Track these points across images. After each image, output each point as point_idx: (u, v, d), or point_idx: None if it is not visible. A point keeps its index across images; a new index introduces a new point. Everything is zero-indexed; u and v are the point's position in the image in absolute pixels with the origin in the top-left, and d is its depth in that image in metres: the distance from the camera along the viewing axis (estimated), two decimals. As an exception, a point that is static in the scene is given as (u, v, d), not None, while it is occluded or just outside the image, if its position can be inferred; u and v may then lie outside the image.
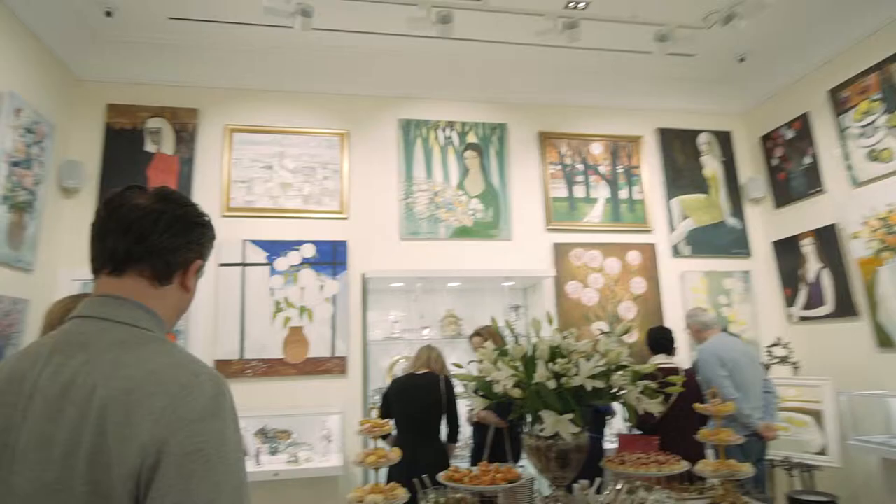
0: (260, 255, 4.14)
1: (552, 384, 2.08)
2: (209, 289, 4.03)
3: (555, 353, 2.18)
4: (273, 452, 3.67)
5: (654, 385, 2.24)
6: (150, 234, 0.90)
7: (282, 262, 4.15)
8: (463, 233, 4.52)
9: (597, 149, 4.94)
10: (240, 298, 4.05)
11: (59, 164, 3.86)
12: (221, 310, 4.01)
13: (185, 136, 4.22)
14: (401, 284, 4.32)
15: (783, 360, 4.41)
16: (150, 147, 4.16)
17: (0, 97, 3.22)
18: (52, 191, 3.78)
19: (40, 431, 0.75)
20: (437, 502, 2.30)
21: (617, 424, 3.91)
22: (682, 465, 2.23)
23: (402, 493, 2.20)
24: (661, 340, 3.45)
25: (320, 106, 4.50)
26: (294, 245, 4.19)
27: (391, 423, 2.32)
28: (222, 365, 3.94)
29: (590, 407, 2.34)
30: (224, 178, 4.22)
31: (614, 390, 2.21)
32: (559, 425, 2.11)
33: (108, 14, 3.67)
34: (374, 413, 2.28)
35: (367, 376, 4.12)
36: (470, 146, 4.68)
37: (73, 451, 0.73)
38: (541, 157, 4.80)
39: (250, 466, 3.53)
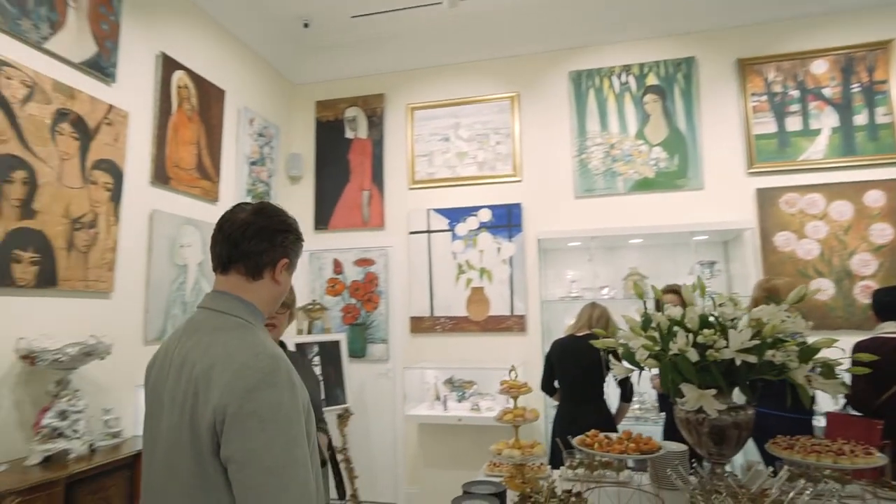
0: (442, 223, 4.51)
1: (693, 356, 1.92)
2: (402, 255, 4.58)
3: (705, 323, 2.00)
4: (459, 400, 4.08)
5: (834, 362, 1.90)
6: (241, 241, 1.16)
7: (462, 228, 4.46)
8: (644, 185, 4.20)
9: (820, 67, 4.02)
10: (427, 262, 4.51)
11: (285, 157, 4.76)
12: (413, 273, 4.52)
13: (375, 119, 4.77)
14: (577, 243, 4.26)
15: None
16: (349, 134, 4.82)
17: (238, 113, 4.11)
18: (281, 180, 4.70)
19: (171, 390, 1.08)
20: (582, 463, 2.35)
21: (828, 402, 3.31)
22: (874, 459, 1.86)
23: (540, 450, 2.31)
24: (891, 304, 2.78)
25: (490, 72, 4.59)
26: (472, 211, 4.45)
27: (530, 384, 2.42)
28: (416, 321, 4.48)
29: (758, 381, 2.09)
30: (409, 154, 4.67)
31: (778, 366, 1.94)
32: (703, 400, 1.96)
33: (306, 25, 4.31)
34: (513, 374, 2.40)
35: (545, 334, 4.22)
36: (650, 89, 4.27)
37: (184, 406, 1.04)
38: (740, 89, 4.12)
39: (438, 410, 4.00)
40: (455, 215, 4.49)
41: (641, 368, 2.12)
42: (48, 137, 2.53)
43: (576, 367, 3.09)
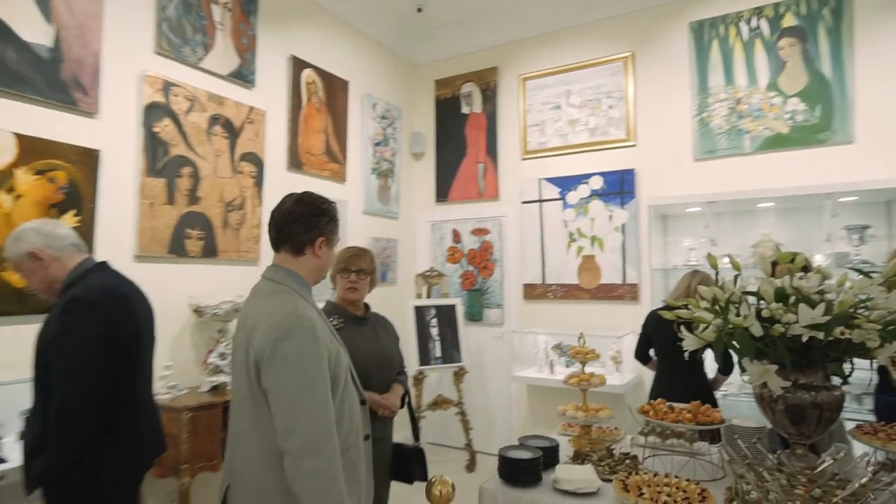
0: (553, 191, 4.56)
1: (757, 330, 1.86)
2: (515, 225, 4.74)
3: (782, 296, 1.91)
4: (567, 365, 4.20)
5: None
6: (285, 226, 1.50)
7: (573, 196, 4.47)
8: (776, 143, 3.78)
9: None
10: (539, 231, 4.61)
11: (407, 136, 5.17)
12: (526, 241, 4.67)
13: (489, 93, 4.92)
14: (696, 209, 4.01)
15: None
16: (464, 109, 5.05)
17: (362, 99, 4.58)
18: (405, 157, 5.13)
19: (239, 339, 1.47)
20: (653, 431, 2.39)
21: None
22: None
23: (605, 414, 2.39)
24: None
25: (602, 34, 4.44)
26: (583, 179, 4.42)
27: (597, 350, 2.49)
28: (528, 288, 4.64)
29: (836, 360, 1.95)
30: (521, 125, 4.76)
31: (858, 344, 1.80)
32: (766, 376, 1.91)
33: (419, 10, 4.59)
34: (581, 342, 2.50)
35: (658, 303, 4.09)
36: (786, 32, 3.77)
37: (241, 350, 1.41)
38: (908, 18, 3.45)
39: (545, 373, 4.17)
40: (566, 184, 4.50)
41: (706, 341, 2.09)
42: (205, 139, 3.19)
43: (669, 338, 3.02)
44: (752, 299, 1.99)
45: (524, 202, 4.70)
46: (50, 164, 2.47)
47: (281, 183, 3.74)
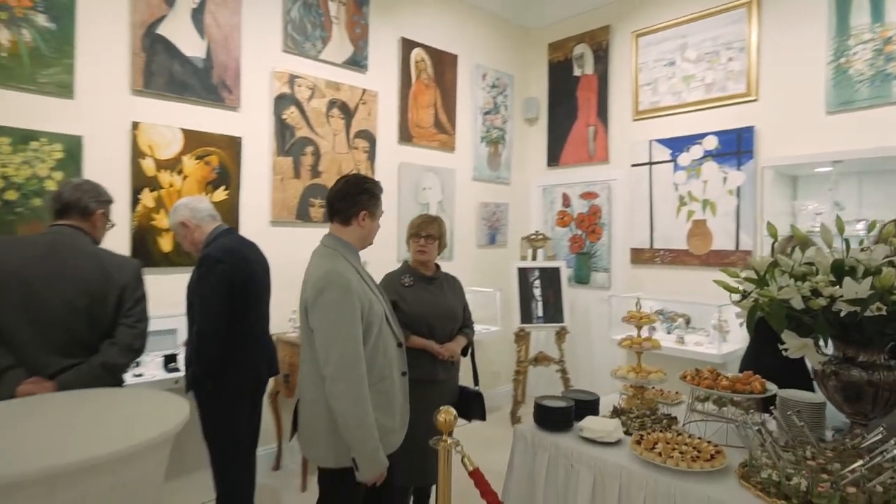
0: (664, 153, 4.38)
1: (798, 303, 1.85)
2: (624, 188, 4.67)
3: (839, 270, 1.86)
4: (668, 331, 4.13)
5: None
6: (335, 202, 1.89)
7: (684, 158, 4.26)
8: (934, 88, 3.22)
9: None
10: (648, 194, 4.49)
11: (520, 102, 5.30)
12: (634, 205, 4.59)
13: (601, 53, 4.81)
14: (828, 168, 3.60)
15: None
16: (576, 72, 5.00)
17: (471, 71, 4.82)
18: (517, 123, 5.28)
19: (302, 289, 1.91)
20: (698, 397, 2.42)
21: None
22: None
23: (656, 377, 2.47)
24: None
25: (723, -23, 4.06)
26: (696, 139, 4.19)
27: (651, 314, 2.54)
28: (636, 252, 4.59)
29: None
30: (633, 85, 4.60)
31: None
32: (805, 350, 1.90)
33: (527, -25, 4.63)
34: (638, 306, 2.56)
35: (775, 273, 3.80)
36: (957, -49, 3.13)
37: (302, 298, 1.85)
38: None
39: (643, 338, 4.16)
40: (677, 145, 4.30)
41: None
42: (324, 121, 3.75)
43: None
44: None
45: (633, 165, 4.59)
46: (206, 150, 3.20)
47: (392, 155, 4.20)
